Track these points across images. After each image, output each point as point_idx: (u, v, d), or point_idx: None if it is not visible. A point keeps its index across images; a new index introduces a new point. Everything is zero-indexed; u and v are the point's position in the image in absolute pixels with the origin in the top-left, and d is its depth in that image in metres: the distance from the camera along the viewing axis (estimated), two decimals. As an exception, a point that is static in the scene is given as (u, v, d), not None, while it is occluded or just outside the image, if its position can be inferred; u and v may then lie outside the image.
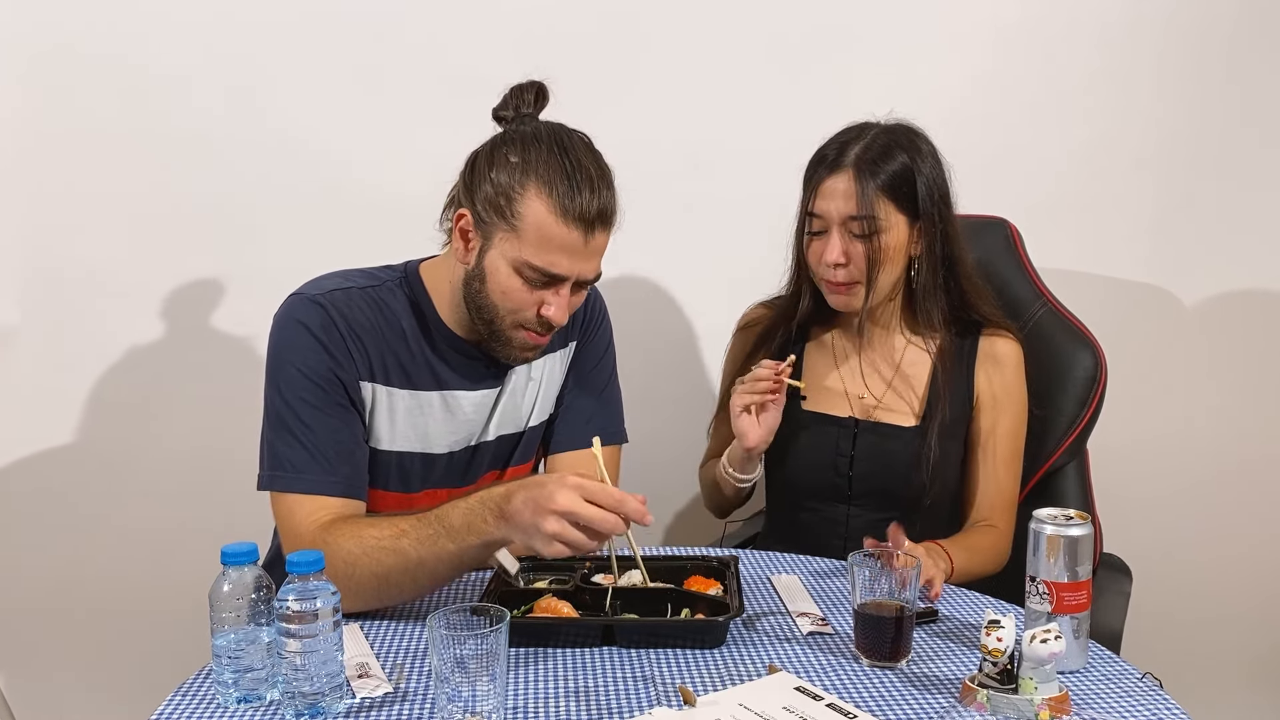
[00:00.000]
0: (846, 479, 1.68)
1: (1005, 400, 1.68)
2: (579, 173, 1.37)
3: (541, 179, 1.36)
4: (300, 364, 1.40)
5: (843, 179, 1.59)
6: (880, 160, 1.59)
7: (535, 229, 1.37)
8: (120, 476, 2.20)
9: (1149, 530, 2.12)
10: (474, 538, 1.28)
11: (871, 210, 1.57)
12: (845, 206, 1.58)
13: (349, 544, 1.31)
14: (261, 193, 2.10)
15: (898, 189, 1.59)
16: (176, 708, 1.13)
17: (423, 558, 1.30)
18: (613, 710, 1.11)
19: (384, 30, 2.08)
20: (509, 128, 1.44)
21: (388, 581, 1.32)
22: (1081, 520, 1.20)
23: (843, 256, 1.60)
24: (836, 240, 1.60)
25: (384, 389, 1.47)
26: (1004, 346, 1.69)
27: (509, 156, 1.39)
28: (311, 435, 1.39)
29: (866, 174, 1.58)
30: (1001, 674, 1.10)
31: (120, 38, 2.04)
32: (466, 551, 1.29)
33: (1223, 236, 2.21)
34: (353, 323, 1.44)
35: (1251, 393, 2.26)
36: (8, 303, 2.13)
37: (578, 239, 1.37)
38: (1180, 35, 2.14)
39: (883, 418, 1.68)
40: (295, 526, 1.36)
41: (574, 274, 1.40)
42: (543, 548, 1.23)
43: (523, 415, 1.59)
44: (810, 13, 2.12)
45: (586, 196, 1.36)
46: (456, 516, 1.29)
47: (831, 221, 1.60)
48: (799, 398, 1.72)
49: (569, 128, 1.44)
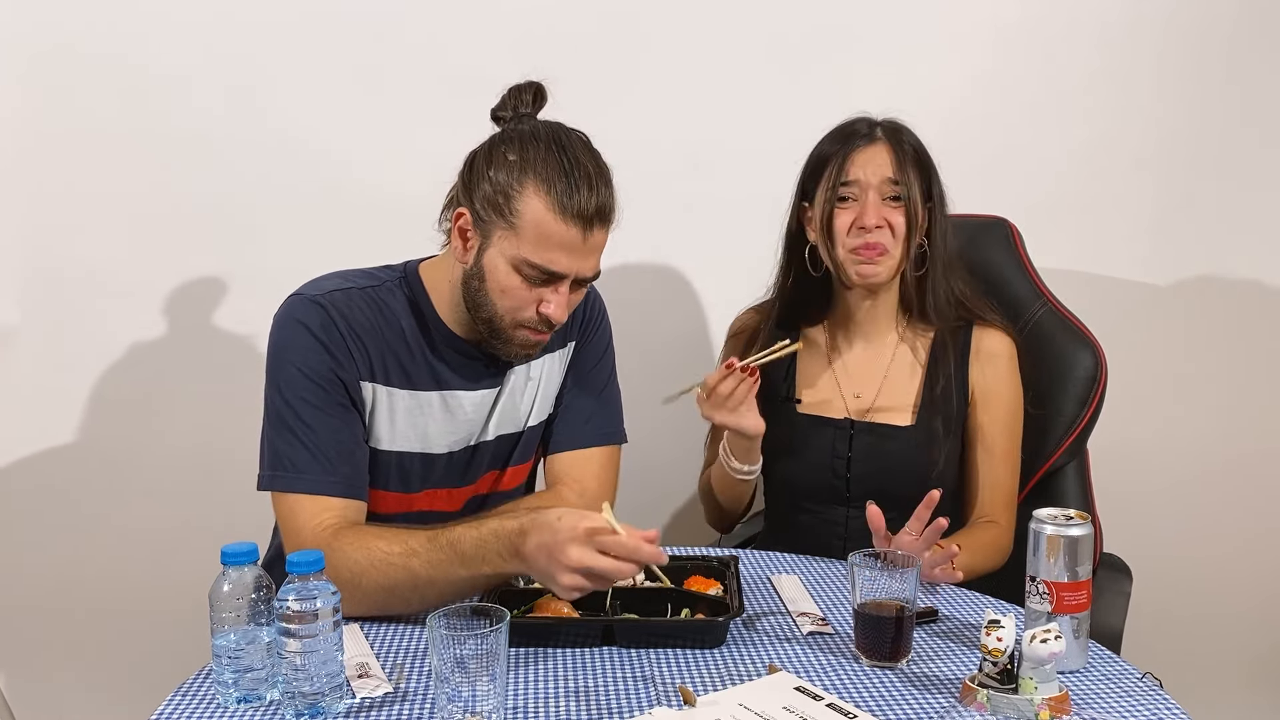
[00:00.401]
0: (844, 481, 1.68)
1: (999, 394, 1.68)
2: (577, 170, 1.37)
3: (540, 177, 1.37)
4: (300, 364, 1.40)
5: (877, 147, 1.64)
6: (906, 137, 1.67)
7: (534, 226, 1.37)
8: (120, 476, 2.20)
9: (1149, 530, 2.12)
10: (488, 569, 1.30)
11: (908, 176, 1.63)
12: (884, 171, 1.63)
13: (357, 555, 1.32)
14: (261, 192, 2.10)
15: (922, 165, 1.66)
16: (176, 708, 1.13)
17: (433, 579, 1.31)
18: (613, 710, 1.11)
19: (384, 30, 2.08)
20: (507, 127, 1.44)
21: (394, 595, 1.32)
22: (1082, 520, 1.20)
23: (880, 220, 1.62)
24: (873, 203, 1.62)
25: (384, 389, 1.47)
26: (996, 340, 1.70)
27: (507, 155, 1.39)
28: (312, 435, 1.39)
29: (899, 145, 1.64)
30: (1001, 674, 1.10)
31: (120, 38, 2.04)
32: (479, 579, 1.31)
33: (1223, 236, 2.21)
34: (353, 323, 1.44)
35: (1251, 392, 2.26)
36: (8, 303, 2.13)
37: (576, 236, 1.38)
38: (1180, 35, 2.14)
39: (879, 418, 1.68)
40: (298, 527, 1.36)
41: (573, 271, 1.40)
42: (560, 592, 1.25)
43: (521, 415, 1.59)
44: (810, 12, 2.12)
45: (585, 194, 1.37)
46: (468, 545, 1.30)
47: (869, 187, 1.63)
48: (794, 400, 1.71)
49: (567, 126, 1.44)
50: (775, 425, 1.69)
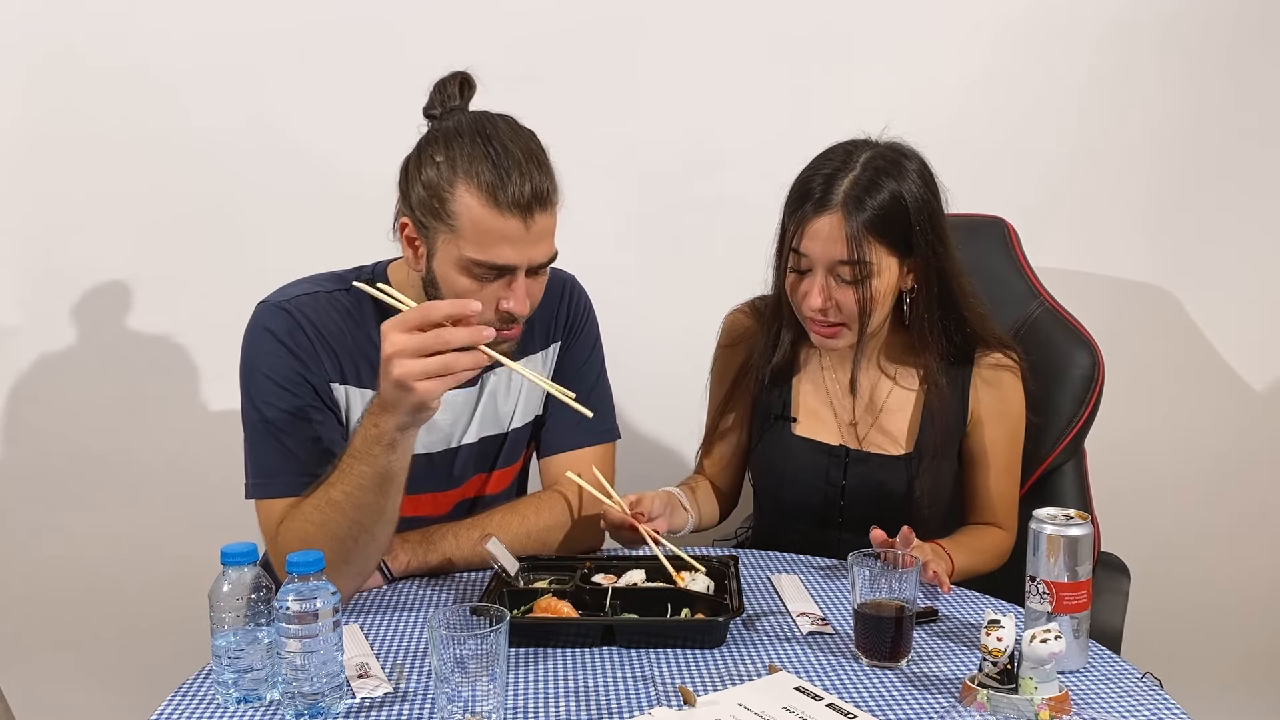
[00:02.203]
0: (838, 507, 1.65)
1: (1004, 415, 1.64)
2: (505, 159, 1.32)
3: (468, 173, 1.32)
4: (268, 370, 1.40)
5: (830, 219, 1.48)
6: (869, 198, 1.48)
7: (471, 225, 1.33)
8: (120, 476, 2.20)
9: (1147, 529, 2.12)
10: (376, 445, 1.26)
11: (861, 255, 1.48)
12: (833, 251, 1.49)
13: (297, 524, 1.31)
14: (261, 195, 2.11)
15: (888, 229, 1.50)
16: (176, 708, 1.13)
17: (349, 492, 1.29)
18: (613, 710, 1.11)
19: (383, 32, 2.08)
20: (433, 126, 1.40)
21: (338, 538, 1.30)
22: (1081, 520, 1.20)
23: (828, 301, 1.52)
24: (820, 283, 1.51)
25: (356, 390, 1.46)
26: (1001, 363, 1.63)
27: (434, 156, 1.36)
28: (286, 439, 1.39)
29: (855, 212, 1.48)
30: (1001, 674, 1.10)
31: (121, 44, 2.05)
32: (381, 463, 1.27)
33: (1221, 236, 2.22)
34: (320, 327, 1.43)
35: (1249, 391, 2.27)
36: (8, 303, 2.13)
37: (517, 226, 1.33)
38: (1180, 35, 2.14)
39: (873, 446, 1.64)
40: (267, 530, 1.37)
41: (523, 262, 1.36)
42: (410, 398, 1.20)
43: (504, 416, 1.58)
44: (811, 13, 2.12)
45: (517, 181, 1.31)
46: (355, 441, 1.29)
47: (817, 263, 1.51)
48: (789, 419, 1.67)
49: (492, 114, 1.39)
50: (769, 444, 1.69)
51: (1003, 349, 1.64)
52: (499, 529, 1.46)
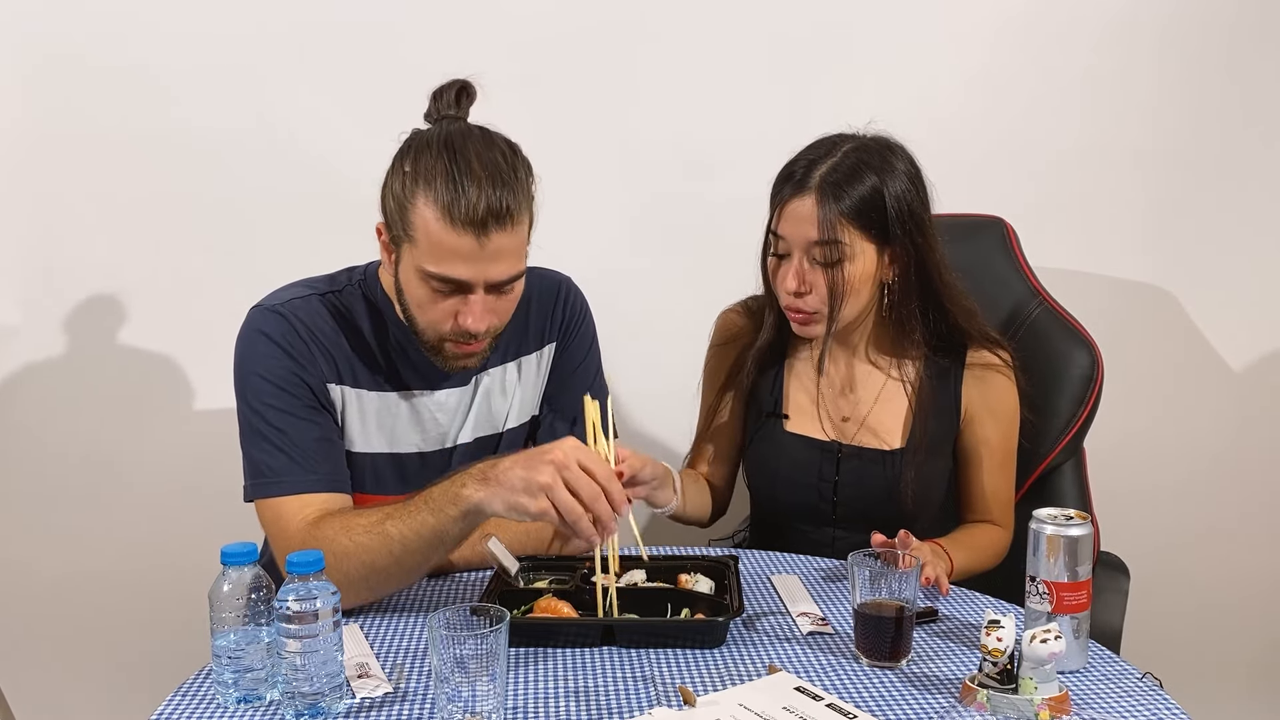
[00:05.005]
0: (831, 504, 1.65)
1: (996, 411, 1.64)
2: (466, 175, 1.29)
3: (427, 185, 1.31)
4: (264, 372, 1.40)
5: (806, 201, 1.50)
6: (847, 183, 1.50)
7: (426, 238, 1.32)
8: (120, 476, 2.20)
9: (1146, 529, 2.12)
10: (452, 507, 1.27)
11: (835, 236, 1.49)
12: (808, 231, 1.50)
13: (339, 537, 1.30)
14: (262, 197, 2.11)
15: (865, 214, 1.50)
16: (176, 708, 1.13)
17: (404, 535, 1.28)
18: (613, 710, 1.11)
19: (383, 34, 2.08)
20: (412, 134, 1.39)
21: (374, 569, 1.30)
22: (1081, 520, 1.20)
23: (803, 285, 1.53)
24: (796, 266, 1.53)
25: (352, 391, 1.46)
26: (992, 360, 1.63)
27: (404, 166, 1.35)
28: (286, 438, 1.39)
29: (831, 197, 1.49)
30: (1001, 674, 1.11)
31: (122, 45, 2.05)
32: (445, 524, 1.28)
33: (1220, 236, 2.22)
34: (314, 328, 1.44)
35: (1248, 391, 2.27)
36: (8, 303, 2.13)
37: (470, 243, 1.31)
38: (1180, 35, 2.14)
39: (865, 441, 1.64)
40: (284, 529, 1.36)
41: (478, 279, 1.34)
42: (529, 503, 1.21)
43: (498, 417, 1.58)
44: (810, 12, 2.12)
45: (472, 197, 1.29)
46: (437, 489, 1.29)
47: (794, 245, 1.53)
48: (782, 417, 1.68)
49: (473, 127, 1.37)
50: (761, 441, 1.69)
51: (992, 347, 1.64)
52: (499, 528, 1.46)
